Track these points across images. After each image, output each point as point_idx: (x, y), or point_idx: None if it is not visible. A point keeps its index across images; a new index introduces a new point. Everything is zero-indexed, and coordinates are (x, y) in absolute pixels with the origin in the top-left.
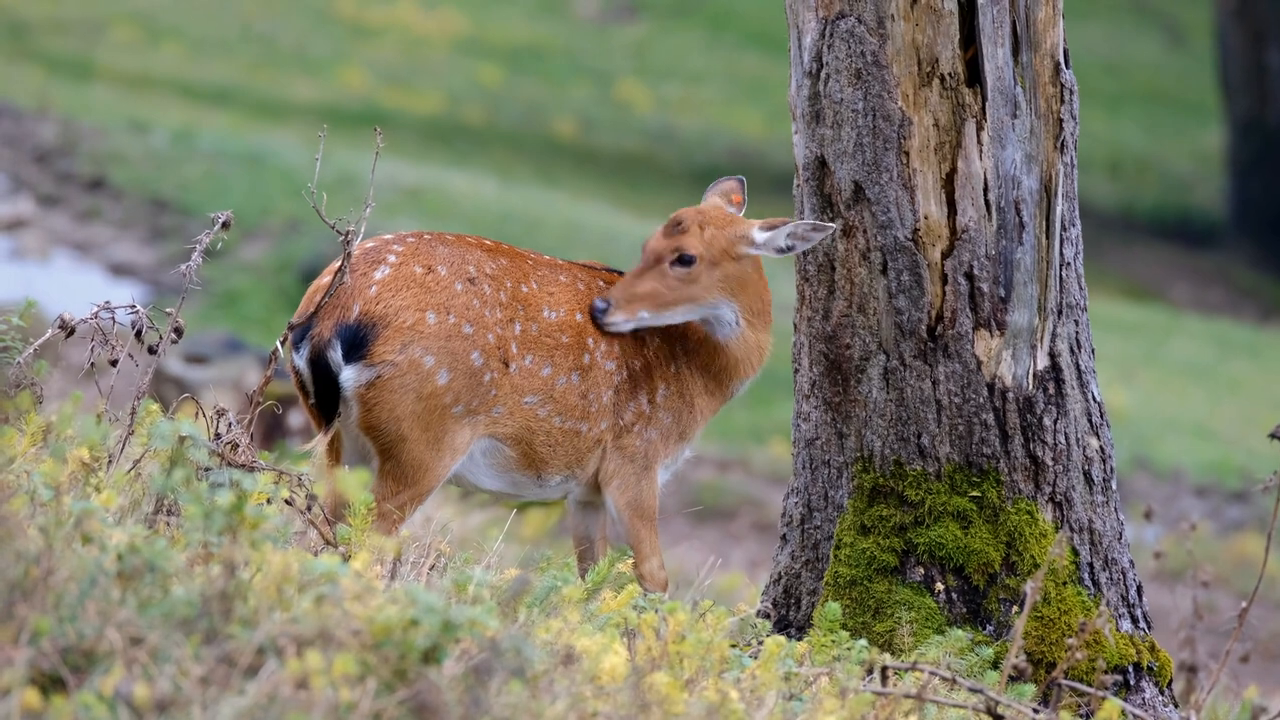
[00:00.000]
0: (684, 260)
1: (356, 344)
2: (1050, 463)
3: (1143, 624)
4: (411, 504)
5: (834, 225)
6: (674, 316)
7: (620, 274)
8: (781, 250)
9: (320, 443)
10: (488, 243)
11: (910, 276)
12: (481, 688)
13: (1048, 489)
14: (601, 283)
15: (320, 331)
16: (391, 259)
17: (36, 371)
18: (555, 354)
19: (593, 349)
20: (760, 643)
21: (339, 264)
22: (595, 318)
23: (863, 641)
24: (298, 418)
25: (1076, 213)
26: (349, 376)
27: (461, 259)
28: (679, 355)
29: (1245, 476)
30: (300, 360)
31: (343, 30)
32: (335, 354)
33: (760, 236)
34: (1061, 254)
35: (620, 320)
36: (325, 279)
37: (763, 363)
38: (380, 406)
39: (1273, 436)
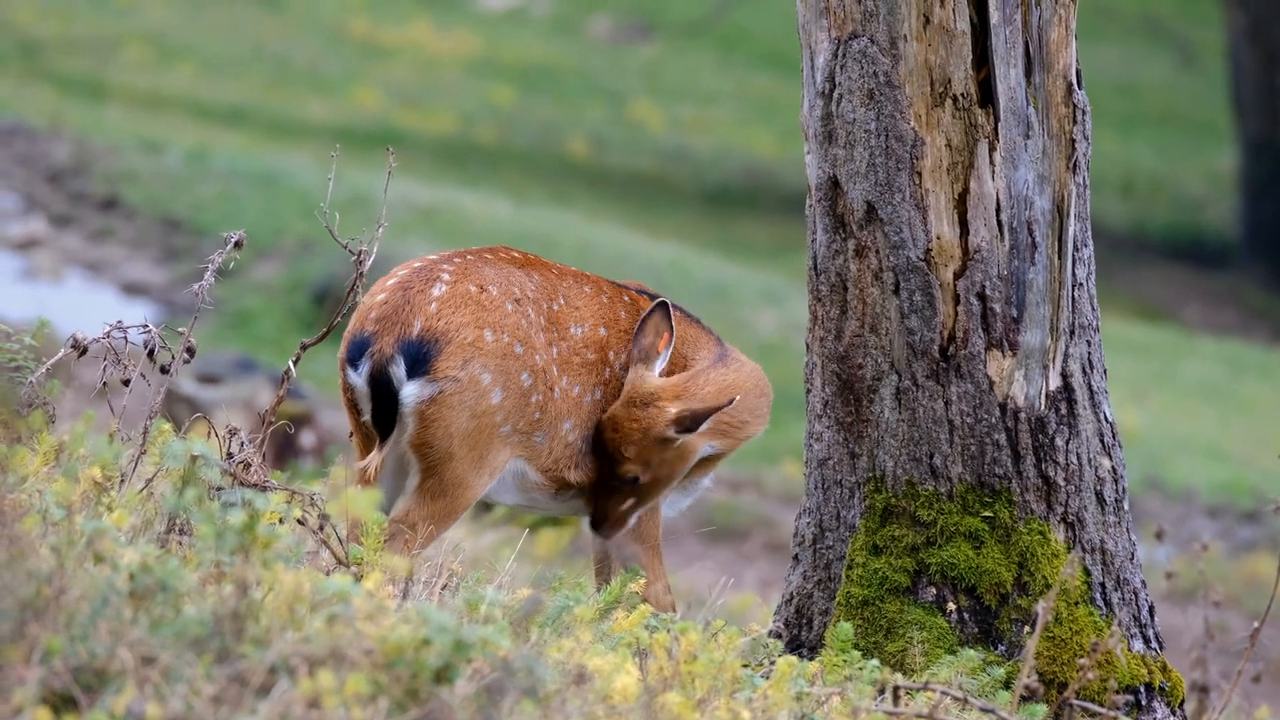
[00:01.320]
0: (631, 482)
1: (420, 360)
2: (1062, 483)
3: (1154, 644)
4: (444, 521)
5: (733, 400)
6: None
7: (651, 295)
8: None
9: (374, 461)
10: (516, 255)
11: (923, 297)
12: (494, 707)
13: (1060, 509)
14: (627, 298)
15: (381, 348)
16: (446, 276)
17: (49, 391)
18: (583, 372)
19: (612, 362)
20: (772, 663)
21: (396, 281)
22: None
23: (875, 661)
24: (310, 437)
25: (1089, 233)
26: (411, 392)
27: (507, 280)
28: None
29: (1257, 497)
30: (358, 378)
31: (356, 50)
32: (399, 370)
33: (675, 437)
34: (1074, 274)
35: (619, 536)
36: (379, 296)
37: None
38: (438, 423)
39: None
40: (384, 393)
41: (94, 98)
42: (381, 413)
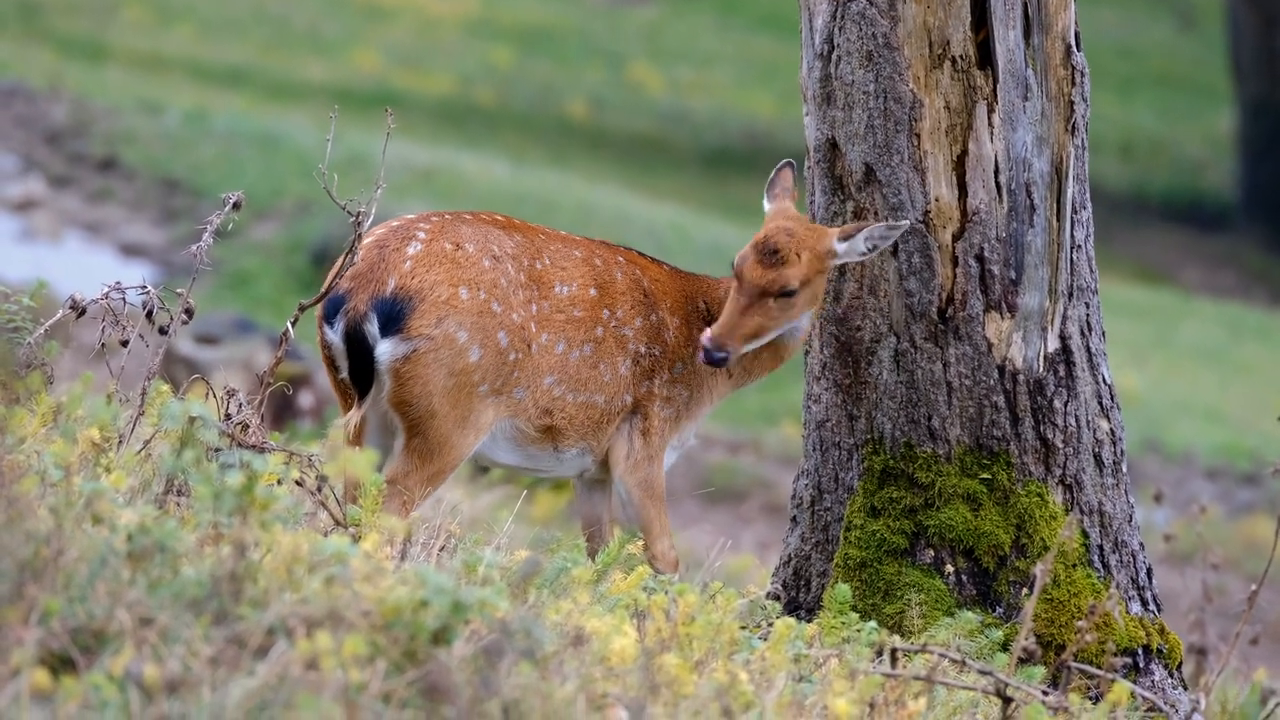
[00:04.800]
0: (787, 294)
1: (393, 318)
2: (1060, 445)
3: (1152, 606)
4: (434, 481)
5: (906, 223)
6: (767, 339)
7: (640, 254)
8: (863, 254)
9: (353, 418)
10: (500, 218)
11: (921, 259)
12: (491, 669)
13: (1058, 471)
14: (620, 258)
15: (356, 306)
16: (422, 235)
17: (47, 352)
18: (567, 329)
19: (607, 321)
20: (770, 624)
21: (374, 240)
22: (707, 359)
23: (872, 623)
24: (308, 398)
25: (1087, 195)
26: (385, 350)
27: (485, 237)
28: (697, 337)
29: (1256, 459)
30: (334, 335)
31: (355, 11)
32: (372, 327)
33: (840, 248)
34: (1072, 236)
35: (732, 359)
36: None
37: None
38: (414, 381)
39: None
40: (359, 350)
41: (93, 59)
42: (358, 370)
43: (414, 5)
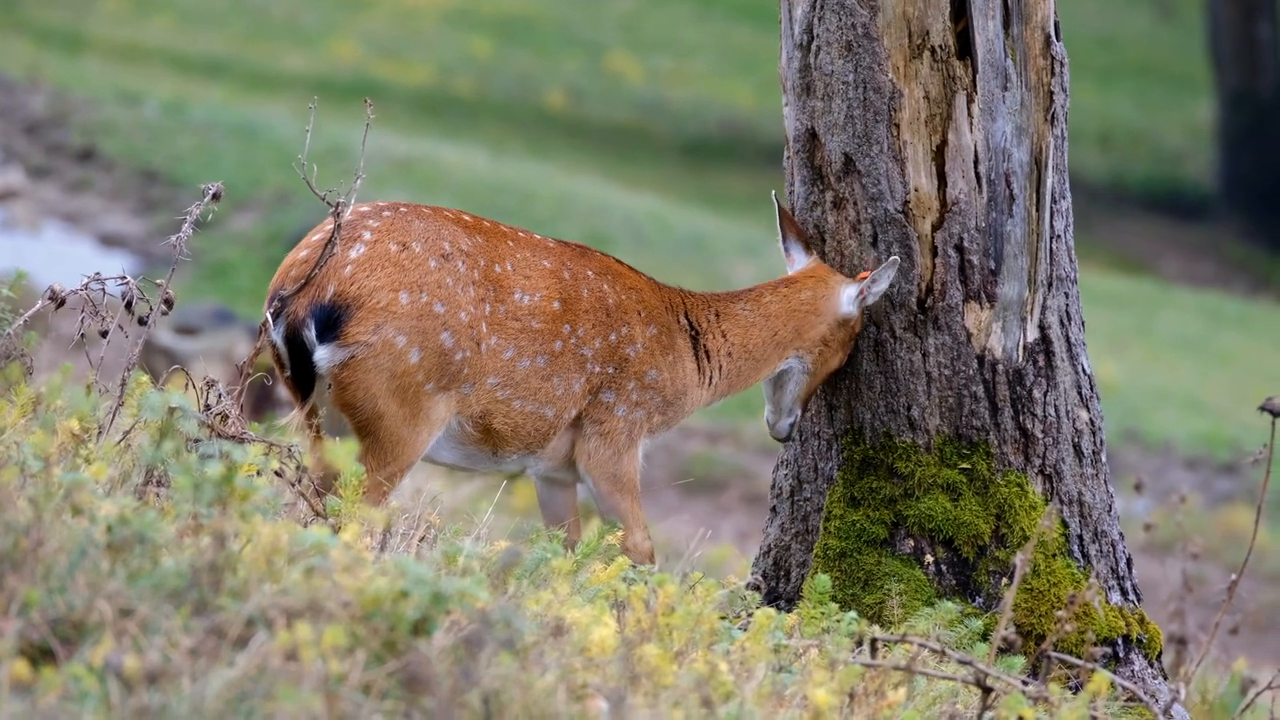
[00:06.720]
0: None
1: (330, 324)
2: (1040, 435)
3: (1132, 596)
4: (392, 479)
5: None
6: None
7: (618, 261)
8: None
9: (298, 417)
10: (467, 218)
11: (900, 248)
12: (471, 659)
13: (1037, 461)
14: (590, 272)
15: (295, 310)
16: (367, 236)
17: (26, 343)
18: (520, 338)
19: (567, 337)
20: (750, 615)
21: (322, 236)
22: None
23: (852, 613)
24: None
25: (1067, 185)
26: (323, 356)
27: (437, 234)
28: (680, 346)
29: (1235, 449)
30: (276, 336)
31: (334, 2)
32: (309, 333)
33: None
34: (1052, 226)
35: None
36: (302, 253)
37: None
38: (355, 386)
39: (1262, 409)
40: (299, 353)
41: (72, 49)
42: (300, 372)
43: None
